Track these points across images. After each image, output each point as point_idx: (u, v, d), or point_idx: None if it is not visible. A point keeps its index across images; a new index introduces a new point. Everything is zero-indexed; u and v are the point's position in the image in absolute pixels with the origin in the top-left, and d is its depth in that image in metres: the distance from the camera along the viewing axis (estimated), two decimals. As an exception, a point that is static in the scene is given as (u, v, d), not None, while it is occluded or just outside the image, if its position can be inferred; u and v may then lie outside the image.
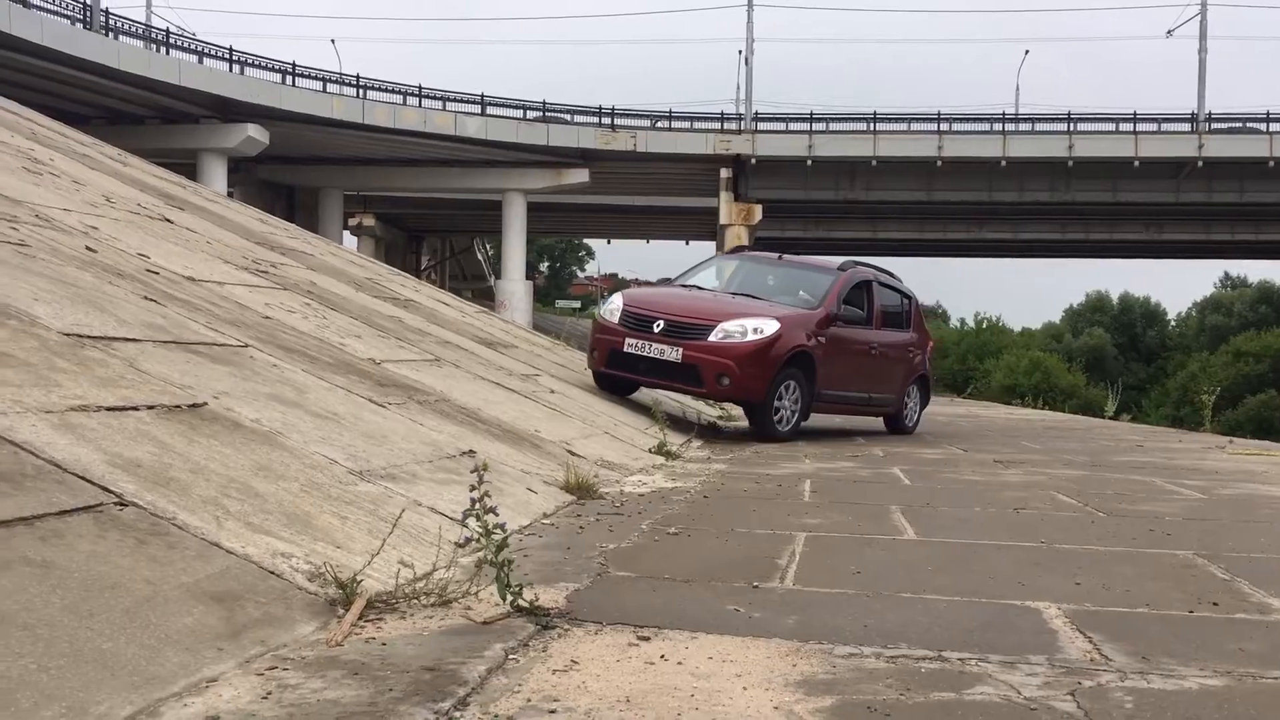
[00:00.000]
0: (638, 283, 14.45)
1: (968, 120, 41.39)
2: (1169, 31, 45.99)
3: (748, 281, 10.01)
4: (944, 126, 40.74)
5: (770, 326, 8.54)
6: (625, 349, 8.70)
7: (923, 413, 11.49)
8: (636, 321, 8.79)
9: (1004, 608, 2.89)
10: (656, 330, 8.60)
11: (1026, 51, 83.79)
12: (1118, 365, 63.29)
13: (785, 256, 10.71)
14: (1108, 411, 19.67)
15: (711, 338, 8.45)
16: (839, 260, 10.43)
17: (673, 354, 8.46)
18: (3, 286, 3.74)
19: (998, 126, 40.90)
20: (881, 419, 11.12)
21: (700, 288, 9.93)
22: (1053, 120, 41.12)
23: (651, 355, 8.56)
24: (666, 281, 10.39)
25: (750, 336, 8.47)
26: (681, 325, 8.59)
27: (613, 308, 9.18)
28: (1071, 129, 40.24)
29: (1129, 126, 40.39)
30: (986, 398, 35.67)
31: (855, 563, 3.47)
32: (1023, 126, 41.23)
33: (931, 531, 4.21)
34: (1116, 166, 39.34)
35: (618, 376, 9.07)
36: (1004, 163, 39.38)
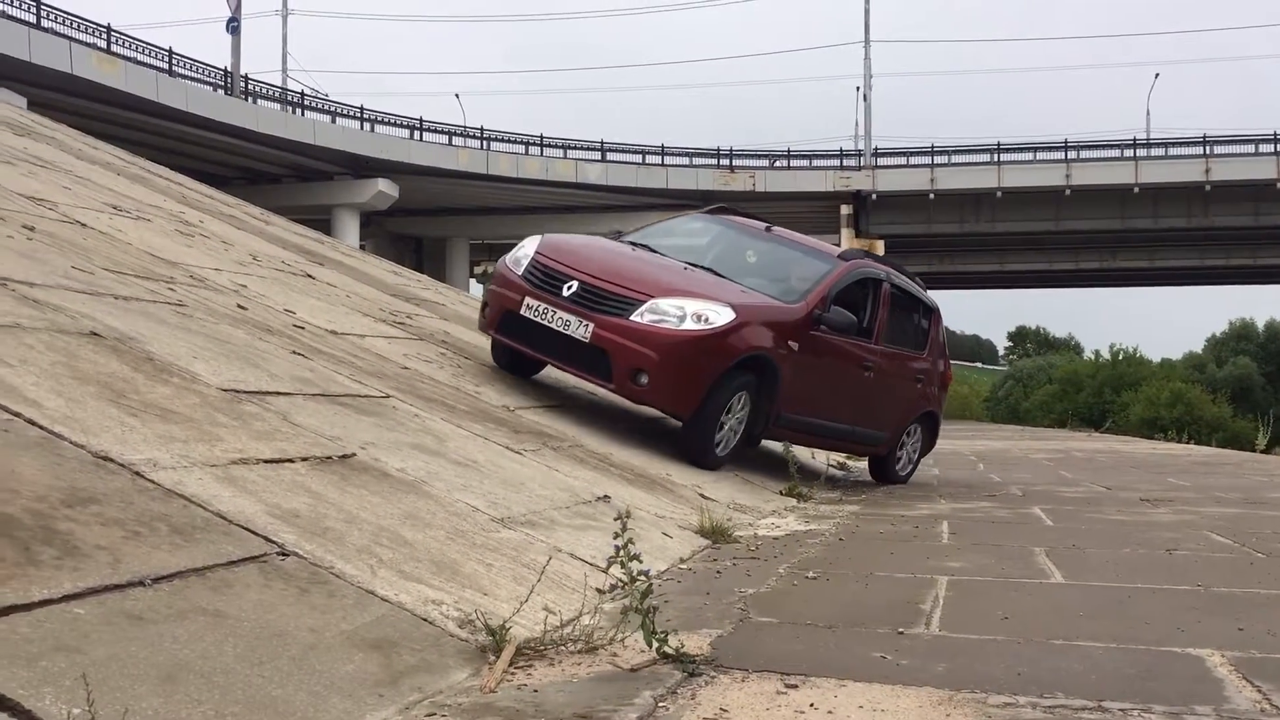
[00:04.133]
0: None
1: (1097, 147, 40.48)
2: (1309, 47, 44.21)
3: (721, 254, 7.83)
4: (1071, 154, 39.85)
5: (720, 315, 6.32)
6: (523, 312, 6.56)
7: (920, 460, 9.23)
8: (544, 277, 6.63)
9: (1163, 655, 2.79)
10: (566, 293, 6.44)
11: (1156, 75, 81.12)
12: (1267, 395, 60.35)
13: (776, 229, 8.37)
14: (1259, 445, 18.79)
15: (636, 317, 6.25)
16: (842, 248, 8.21)
17: (580, 329, 6.32)
18: (165, 345, 3.95)
19: (1129, 152, 39.85)
20: (866, 460, 9.03)
21: (652, 249, 7.52)
22: (1187, 144, 39.85)
23: (553, 326, 6.41)
24: (616, 235, 8.02)
25: (689, 324, 6.23)
26: (599, 293, 6.39)
27: (521, 254, 6.95)
28: (1208, 152, 38.95)
29: (1269, 147, 38.92)
30: (1125, 432, 34.42)
31: (1002, 607, 3.39)
32: (1155, 151, 40.09)
33: (1080, 574, 4.09)
34: (1257, 189, 37.90)
35: (514, 349, 6.91)
36: (1137, 189, 38.31)
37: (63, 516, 2.24)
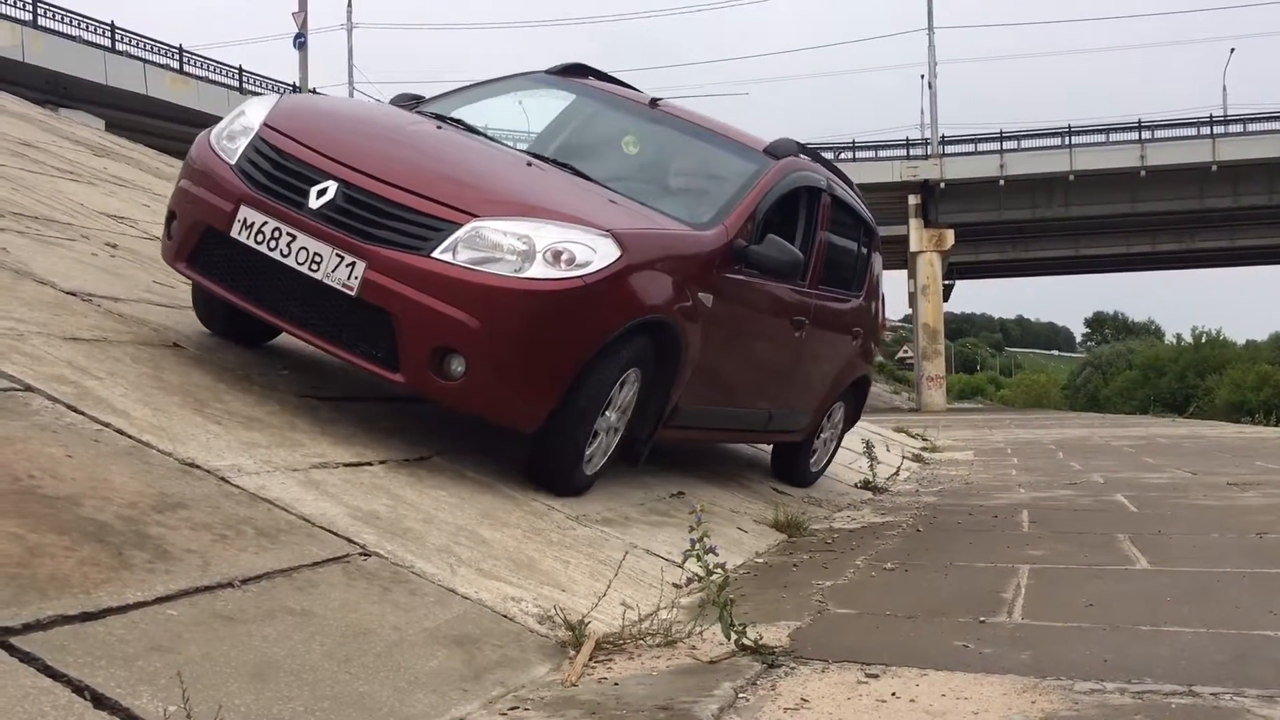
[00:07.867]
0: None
1: (1172, 126, 39.48)
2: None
3: (581, 140, 5.16)
4: (1145, 134, 38.96)
5: (596, 251, 3.61)
6: (237, 233, 3.62)
7: (839, 447, 6.78)
8: (277, 170, 3.68)
9: (1255, 639, 2.72)
10: (317, 203, 3.53)
11: (1232, 50, 78.75)
12: (1359, 375, 58.36)
13: (666, 103, 5.33)
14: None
15: (443, 253, 3.45)
16: (768, 139, 5.22)
17: (340, 271, 3.47)
18: (245, 355, 4.05)
19: (1205, 130, 38.82)
20: (770, 449, 6.40)
21: (471, 129, 4.62)
22: (1267, 119, 38.73)
23: (290, 263, 3.52)
24: (411, 102, 4.99)
25: (539, 269, 3.49)
26: (378, 204, 3.52)
27: (237, 126, 3.89)
28: (1289, 126, 37.81)
29: (1354, 119, 37.67)
30: (1211, 417, 33.56)
31: (1086, 595, 3.33)
32: (1233, 128, 39.00)
33: (1166, 560, 4.01)
34: (1343, 162, 36.72)
35: (222, 300, 3.80)
36: (1215, 167, 37.32)
37: (153, 522, 2.31)
